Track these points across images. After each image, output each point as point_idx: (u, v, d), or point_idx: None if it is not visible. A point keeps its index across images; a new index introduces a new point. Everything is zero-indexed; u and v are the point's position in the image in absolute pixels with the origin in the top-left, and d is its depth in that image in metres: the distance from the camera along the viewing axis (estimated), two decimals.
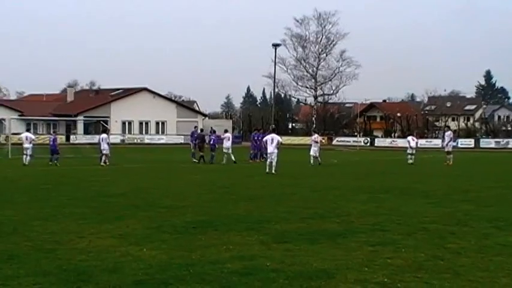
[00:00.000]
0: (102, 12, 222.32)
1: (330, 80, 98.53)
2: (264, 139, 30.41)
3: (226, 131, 39.13)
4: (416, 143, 40.09)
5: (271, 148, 28.29)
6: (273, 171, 27.35)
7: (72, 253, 9.96)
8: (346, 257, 9.74)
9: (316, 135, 36.83)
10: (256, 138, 39.93)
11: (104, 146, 35.20)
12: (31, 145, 35.05)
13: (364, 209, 15.44)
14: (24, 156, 34.32)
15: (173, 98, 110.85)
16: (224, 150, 36.89)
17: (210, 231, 12.02)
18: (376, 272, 8.75)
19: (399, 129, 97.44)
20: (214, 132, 41.31)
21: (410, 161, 37.39)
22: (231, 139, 37.62)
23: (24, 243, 10.78)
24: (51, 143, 35.77)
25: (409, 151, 38.45)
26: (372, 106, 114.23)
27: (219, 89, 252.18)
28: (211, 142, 37.87)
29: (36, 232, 11.91)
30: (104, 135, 36.51)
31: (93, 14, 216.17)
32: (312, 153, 34.93)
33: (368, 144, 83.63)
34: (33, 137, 36.44)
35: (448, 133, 40.61)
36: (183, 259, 9.51)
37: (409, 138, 40.22)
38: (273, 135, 29.69)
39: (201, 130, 41.36)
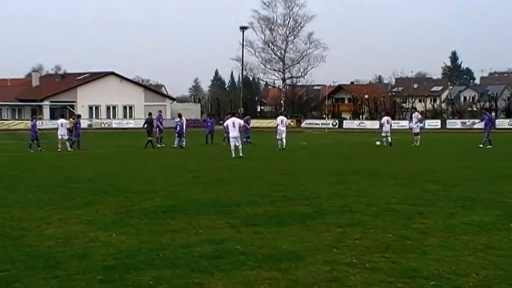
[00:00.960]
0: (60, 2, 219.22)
1: (298, 63, 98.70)
2: (225, 124, 29.53)
3: (179, 115, 39.48)
4: (391, 124, 39.27)
5: (234, 132, 27.99)
6: (241, 155, 27.28)
7: (39, 239, 9.92)
8: (315, 238, 9.84)
9: (282, 117, 36.50)
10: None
11: (63, 131, 34.89)
12: None
13: (333, 191, 15.56)
14: None
15: (141, 82, 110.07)
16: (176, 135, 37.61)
17: (179, 216, 12.03)
18: (344, 253, 8.85)
19: (367, 111, 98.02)
20: (181, 116, 41.25)
21: (381, 142, 37.10)
22: (184, 123, 38.03)
23: None
24: (32, 128, 35.30)
25: (383, 134, 38.05)
26: (340, 88, 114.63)
27: (187, 73, 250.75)
28: (178, 128, 37.66)
29: (2, 219, 11.82)
30: (63, 120, 36.05)
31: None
32: (278, 136, 34.67)
33: (336, 126, 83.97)
34: None
35: (415, 114, 40.90)
36: (153, 244, 9.51)
37: (385, 119, 39.45)
38: (234, 118, 29.05)
39: (149, 114, 41.25)
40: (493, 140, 35.82)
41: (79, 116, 40.67)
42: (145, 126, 38.66)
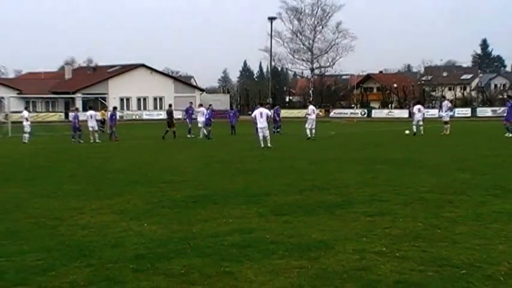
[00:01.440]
0: None
1: (326, 53, 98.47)
2: (253, 114, 29.20)
3: (200, 105, 39.44)
4: (423, 113, 38.79)
5: (261, 123, 27.90)
6: (269, 145, 27.24)
7: (74, 229, 10.04)
8: (345, 227, 9.80)
9: (312, 107, 36.29)
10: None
11: (93, 123, 35.27)
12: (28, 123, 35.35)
13: (362, 180, 15.47)
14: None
15: (170, 74, 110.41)
16: (199, 125, 37.42)
17: (209, 205, 12.07)
18: (374, 241, 8.81)
19: (396, 100, 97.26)
20: (210, 105, 41.29)
21: (410, 131, 36.77)
22: (205, 114, 37.66)
23: (27, 220, 10.86)
24: (74, 120, 35.66)
25: (414, 122, 37.75)
26: (368, 77, 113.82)
27: (216, 64, 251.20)
28: (207, 117, 37.54)
29: (38, 209, 11.98)
30: (92, 112, 36.48)
31: None
32: (307, 125, 34.40)
33: (365, 115, 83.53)
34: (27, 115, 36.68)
35: (445, 103, 40.33)
36: (184, 233, 9.56)
37: (416, 107, 38.92)
38: (262, 109, 28.94)
39: (169, 105, 41.20)
40: None
41: (115, 108, 40.93)
42: (167, 117, 38.50)
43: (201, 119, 37.55)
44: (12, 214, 11.47)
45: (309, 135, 33.66)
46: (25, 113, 37.27)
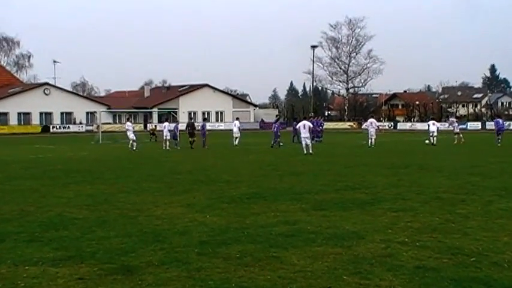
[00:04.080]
0: (169, 25, 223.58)
1: (359, 75, 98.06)
2: (298, 126, 29.23)
3: (237, 119, 39.12)
4: (437, 127, 38.54)
5: (305, 133, 27.90)
6: (310, 152, 27.15)
7: (150, 219, 10.18)
8: (373, 221, 9.71)
9: (372, 119, 35.98)
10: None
11: (166, 132, 34.44)
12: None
13: (388, 182, 15.29)
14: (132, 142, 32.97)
15: (230, 92, 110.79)
16: (234, 135, 36.70)
17: (260, 201, 12.10)
18: (398, 233, 8.71)
19: (418, 114, 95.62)
20: (278, 119, 40.16)
21: (429, 141, 36.21)
22: (237, 125, 36.88)
23: (113, 211, 11.06)
24: (172, 129, 35.32)
25: (430, 134, 37.30)
26: (394, 96, 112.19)
27: (268, 84, 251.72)
28: (275, 129, 35.12)
29: (122, 202, 12.19)
30: (167, 123, 35.56)
31: (163, 27, 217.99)
32: (369, 135, 34.12)
33: (392, 127, 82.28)
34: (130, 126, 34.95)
35: (450, 120, 41.23)
36: (239, 224, 9.61)
37: (430, 122, 38.49)
38: (305, 121, 28.90)
39: (190, 118, 40.35)
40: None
41: (205, 119, 40.11)
42: (188, 128, 35.47)
43: (235, 129, 36.62)
44: (102, 206, 11.70)
45: (369, 144, 33.45)
46: (128, 124, 35.63)
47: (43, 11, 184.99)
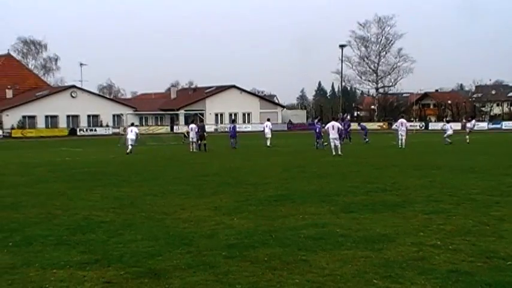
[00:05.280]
0: (193, 28, 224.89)
1: (389, 74, 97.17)
2: (326, 126, 29.02)
3: (268, 119, 39.81)
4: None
5: (333, 134, 27.76)
6: (339, 153, 27.01)
7: (176, 222, 10.24)
8: (404, 223, 9.62)
9: (402, 120, 35.68)
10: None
11: (193, 135, 34.29)
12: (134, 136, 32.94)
13: (419, 183, 15.13)
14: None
15: (257, 93, 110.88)
16: (266, 135, 37.12)
17: (288, 204, 12.09)
18: (430, 236, 8.61)
19: (450, 114, 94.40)
20: (320, 120, 39.62)
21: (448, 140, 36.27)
22: (268, 126, 37.44)
23: (139, 214, 11.16)
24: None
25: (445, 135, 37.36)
26: (425, 95, 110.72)
27: (295, 84, 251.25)
28: (317, 130, 34.19)
29: (148, 205, 12.29)
30: (193, 125, 35.32)
31: (189, 29, 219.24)
32: (399, 136, 33.70)
33: (423, 128, 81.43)
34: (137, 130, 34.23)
35: (472, 122, 42.94)
36: (267, 227, 9.61)
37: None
38: (334, 122, 28.77)
39: (201, 120, 40.07)
40: None
41: (234, 121, 40.35)
42: (198, 131, 34.41)
43: (267, 130, 37.23)
44: (128, 209, 11.82)
45: (400, 145, 33.05)
46: (133, 129, 34.23)
47: (70, 13, 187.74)
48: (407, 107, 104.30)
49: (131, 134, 33.22)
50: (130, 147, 31.93)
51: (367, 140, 40.16)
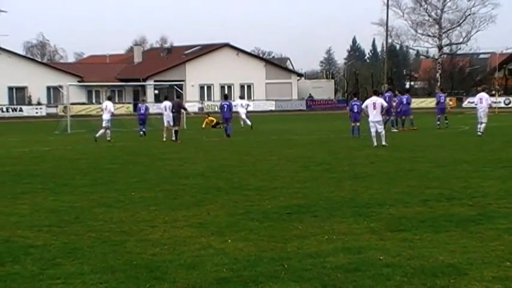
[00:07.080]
0: None
1: (459, 25, 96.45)
2: (364, 104, 29.00)
3: (241, 98, 41.69)
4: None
5: (374, 116, 27.58)
6: (383, 143, 26.97)
7: (143, 246, 10.25)
8: (482, 248, 9.63)
9: (483, 93, 34.92)
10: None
11: (169, 117, 34.82)
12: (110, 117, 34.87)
13: (505, 188, 15.15)
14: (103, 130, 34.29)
15: (261, 55, 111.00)
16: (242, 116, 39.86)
17: (307, 218, 12.11)
18: None
19: None
20: (356, 95, 39.55)
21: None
22: (244, 105, 41.52)
23: (88, 234, 11.17)
24: (142, 111, 38.26)
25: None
26: None
27: (318, 43, 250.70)
28: (355, 110, 34.29)
29: (100, 221, 12.30)
30: (168, 103, 36.12)
31: None
32: (479, 119, 32.84)
33: (510, 105, 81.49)
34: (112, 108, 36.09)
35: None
36: (276, 252, 9.63)
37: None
38: (375, 98, 28.46)
39: (178, 96, 40.84)
40: None
41: (227, 96, 40.93)
42: (173, 112, 34.53)
43: (241, 110, 40.59)
44: (71, 227, 11.81)
45: (478, 132, 32.40)
46: (107, 104, 36.44)
47: None
48: (486, 75, 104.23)
49: (107, 112, 34.51)
50: (108, 132, 32.68)
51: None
